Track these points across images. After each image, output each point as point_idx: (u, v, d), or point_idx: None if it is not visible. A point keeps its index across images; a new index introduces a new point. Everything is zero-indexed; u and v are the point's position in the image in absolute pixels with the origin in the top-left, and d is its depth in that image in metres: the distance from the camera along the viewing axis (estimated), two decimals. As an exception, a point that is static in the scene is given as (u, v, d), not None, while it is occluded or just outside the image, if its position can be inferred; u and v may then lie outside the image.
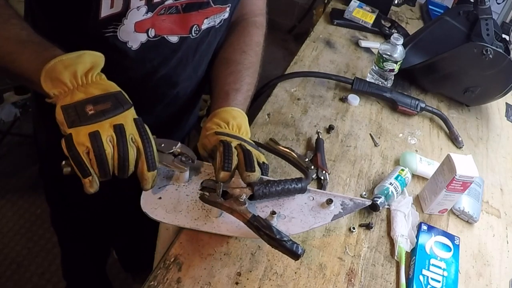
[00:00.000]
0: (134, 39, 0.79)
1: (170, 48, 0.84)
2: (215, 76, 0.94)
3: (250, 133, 0.86)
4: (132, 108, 0.67)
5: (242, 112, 0.86)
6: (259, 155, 0.80)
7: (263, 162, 0.80)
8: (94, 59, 0.67)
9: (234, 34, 0.97)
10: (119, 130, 0.63)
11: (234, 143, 0.77)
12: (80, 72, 0.65)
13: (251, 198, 0.75)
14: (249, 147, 0.77)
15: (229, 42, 0.96)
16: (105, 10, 0.73)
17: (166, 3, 0.78)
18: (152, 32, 0.80)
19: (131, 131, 0.64)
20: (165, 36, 0.82)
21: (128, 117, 0.65)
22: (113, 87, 0.67)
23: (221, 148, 0.74)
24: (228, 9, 0.88)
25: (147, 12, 0.76)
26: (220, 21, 0.88)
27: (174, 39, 0.83)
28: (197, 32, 0.85)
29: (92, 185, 0.62)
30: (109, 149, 0.62)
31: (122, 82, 0.69)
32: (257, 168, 0.74)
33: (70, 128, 0.62)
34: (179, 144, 0.73)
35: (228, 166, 0.72)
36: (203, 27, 0.86)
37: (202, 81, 1.00)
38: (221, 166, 0.72)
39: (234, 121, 0.82)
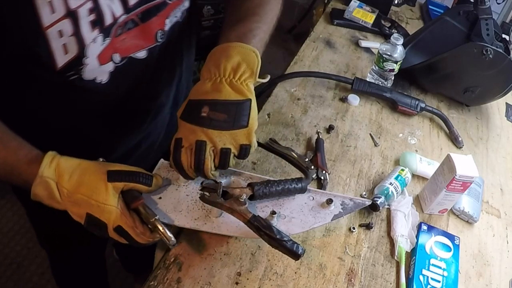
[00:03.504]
0: (101, 73, 0.72)
1: (140, 64, 0.78)
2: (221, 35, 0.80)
3: None
4: None
5: (246, 47, 0.71)
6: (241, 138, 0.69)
7: (248, 145, 0.70)
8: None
9: (244, 4, 0.82)
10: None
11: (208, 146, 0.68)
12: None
13: (251, 198, 0.75)
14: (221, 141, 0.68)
15: (238, 10, 0.82)
16: (61, 59, 0.65)
17: (120, 20, 0.69)
18: (117, 58, 0.72)
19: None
20: (131, 55, 0.75)
21: None
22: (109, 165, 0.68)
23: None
24: None
25: (104, 40, 0.68)
26: (182, 13, 0.81)
27: (142, 54, 0.77)
28: (162, 37, 0.79)
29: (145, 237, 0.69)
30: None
31: (100, 111, 0.64)
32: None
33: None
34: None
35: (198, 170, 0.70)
36: (167, 28, 0.79)
37: (185, 77, 0.95)
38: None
39: (227, 62, 0.69)
